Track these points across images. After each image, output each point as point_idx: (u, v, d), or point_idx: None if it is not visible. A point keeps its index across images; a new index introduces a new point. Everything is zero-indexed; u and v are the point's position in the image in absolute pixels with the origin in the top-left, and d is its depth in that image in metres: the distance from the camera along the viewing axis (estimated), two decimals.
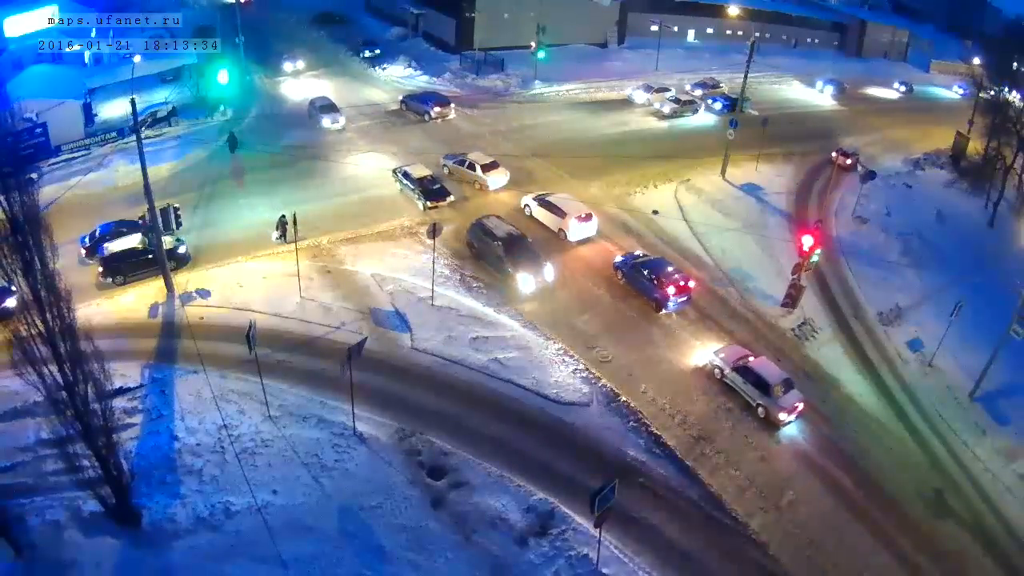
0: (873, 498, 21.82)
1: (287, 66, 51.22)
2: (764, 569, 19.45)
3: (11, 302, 18.15)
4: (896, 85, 64.28)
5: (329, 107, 41.93)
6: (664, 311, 27.76)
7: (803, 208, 38.37)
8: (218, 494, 19.15)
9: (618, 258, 29.82)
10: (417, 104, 43.68)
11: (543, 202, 32.39)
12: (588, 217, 31.58)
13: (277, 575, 17.48)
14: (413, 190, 33.51)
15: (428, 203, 32.88)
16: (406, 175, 34.09)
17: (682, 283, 27.79)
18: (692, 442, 22.60)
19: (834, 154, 43.44)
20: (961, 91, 65.92)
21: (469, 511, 19.63)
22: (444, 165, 36.41)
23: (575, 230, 31.27)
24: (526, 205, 33.16)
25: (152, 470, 19.57)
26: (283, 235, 28.74)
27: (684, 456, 22.10)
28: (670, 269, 28.42)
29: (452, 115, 43.48)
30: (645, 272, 28.25)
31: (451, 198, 33.26)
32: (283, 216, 28.58)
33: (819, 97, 58.79)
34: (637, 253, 30.23)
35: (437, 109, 42.89)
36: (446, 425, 21.99)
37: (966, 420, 25.83)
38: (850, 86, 60.67)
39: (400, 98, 45.37)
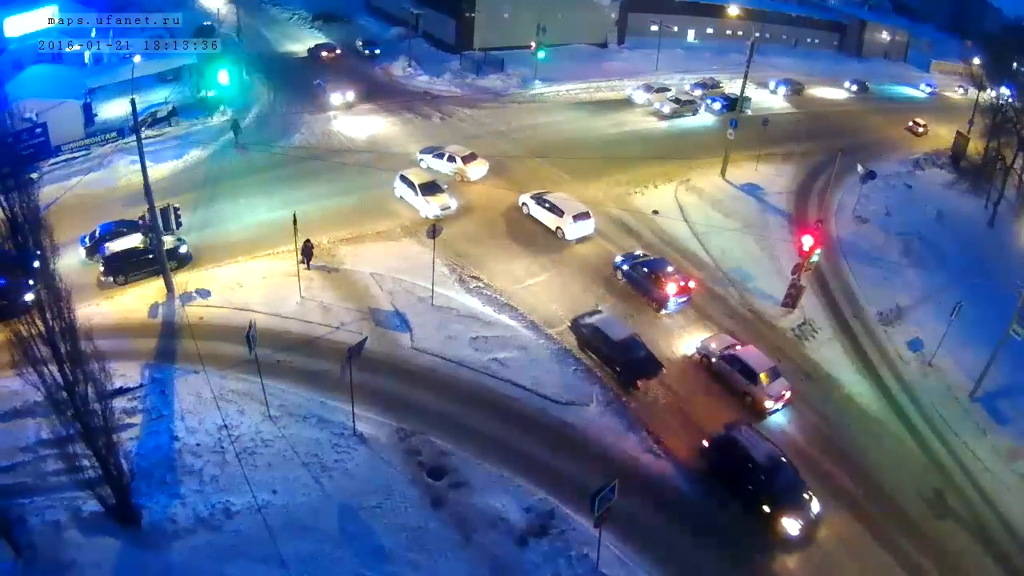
0: (873, 498, 21.82)
1: (335, 98, 43.77)
2: (764, 569, 19.45)
3: (30, 296, 18.26)
4: (847, 84, 62.49)
5: (431, 187, 32.47)
6: (664, 311, 27.77)
7: (803, 208, 38.38)
8: (218, 494, 19.13)
9: (618, 258, 29.82)
10: (315, 51, 54.11)
11: (541, 201, 32.41)
12: (585, 216, 31.60)
13: (277, 575, 17.48)
14: (605, 354, 24.35)
15: (632, 381, 23.87)
16: (597, 331, 24.58)
17: (682, 283, 27.80)
18: (692, 441, 22.56)
19: (911, 123, 52.79)
20: (929, 89, 65.85)
21: (469, 511, 19.61)
22: (421, 159, 36.39)
23: (572, 229, 31.28)
24: (524, 204, 33.17)
25: (152, 470, 19.54)
26: (307, 261, 27.50)
27: (683, 455, 22.08)
28: (670, 269, 28.43)
29: (337, 60, 53.06)
30: (645, 272, 28.27)
31: (664, 370, 24.51)
32: (308, 240, 27.07)
33: (771, 98, 56.83)
34: (637, 253, 30.23)
35: (324, 54, 53.76)
36: (446, 425, 21.98)
37: (966, 420, 25.85)
38: (806, 85, 58.96)
39: (307, 48, 54.85)
